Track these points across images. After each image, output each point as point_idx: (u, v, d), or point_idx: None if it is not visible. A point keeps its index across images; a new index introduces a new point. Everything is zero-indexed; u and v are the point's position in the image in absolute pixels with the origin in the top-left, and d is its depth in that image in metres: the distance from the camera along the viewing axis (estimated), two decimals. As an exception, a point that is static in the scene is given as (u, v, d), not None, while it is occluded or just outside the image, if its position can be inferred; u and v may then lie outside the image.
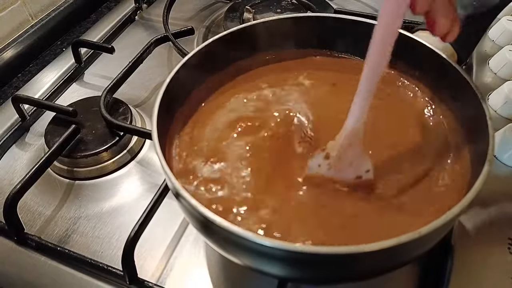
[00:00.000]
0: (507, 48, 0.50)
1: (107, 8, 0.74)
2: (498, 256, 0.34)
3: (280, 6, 0.63)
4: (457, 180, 0.31)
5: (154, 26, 0.69)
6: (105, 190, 0.45)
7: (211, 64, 0.39)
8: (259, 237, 0.23)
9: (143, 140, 0.50)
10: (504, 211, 0.37)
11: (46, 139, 0.47)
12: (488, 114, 0.29)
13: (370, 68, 0.27)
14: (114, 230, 0.42)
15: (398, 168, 0.32)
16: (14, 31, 0.63)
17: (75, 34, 0.68)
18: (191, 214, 0.28)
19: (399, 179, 0.31)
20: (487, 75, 0.50)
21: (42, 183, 0.45)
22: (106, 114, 0.47)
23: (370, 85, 0.28)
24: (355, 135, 0.29)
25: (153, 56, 0.58)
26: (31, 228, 0.42)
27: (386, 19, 0.26)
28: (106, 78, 0.59)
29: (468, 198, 0.24)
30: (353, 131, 0.29)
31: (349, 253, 0.22)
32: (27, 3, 0.64)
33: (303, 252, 0.23)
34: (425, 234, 0.23)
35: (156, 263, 0.39)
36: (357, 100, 0.28)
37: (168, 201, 0.39)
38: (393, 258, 0.26)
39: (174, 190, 0.28)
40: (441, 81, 0.35)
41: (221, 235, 0.26)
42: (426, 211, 0.29)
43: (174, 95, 0.36)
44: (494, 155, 0.41)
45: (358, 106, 0.28)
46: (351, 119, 0.29)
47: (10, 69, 0.60)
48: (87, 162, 0.46)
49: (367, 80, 0.28)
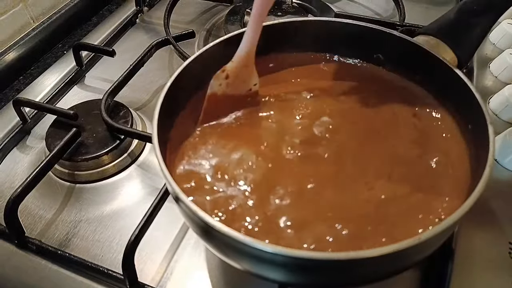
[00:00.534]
0: (507, 51, 0.50)
1: (108, 11, 0.74)
2: (499, 260, 0.34)
3: (281, 9, 0.63)
4: (458, 184, 0.31)
5: (155, 29, 0.69)
6: (106, 194, 0.45)
7: (212, 67, 0.39)
8: (259, 243, 0.23)
9: (143, 143, 0.50)
10: (505, 215, 0.37)
11: (47, 142, 0.47)
12: (489, 119, 0.29)
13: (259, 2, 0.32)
14: (115, 233, 0.42)
15: (398, 171, 0.32)
16: (15, 34, 0.63)
17: (76, 37, 0.68)
18: (191, 219, 0.28)
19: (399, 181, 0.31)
20: (488, 79, 0.50)
21: (43, 186, 0.45)
22: (107, 117, 0.47)
23: (261, 9, 0.32)
24: (250, 57, 0.35)
25: (154, 59, 0.58)
26: (31, 231, 0.42)
27: None
28: (107, 81, 0.59)
29: (468, 204, 0.24)
30: (248, 54, 0.35)
31: (349, 259, 0.22)
32: (28, 6, 0.64)
33: (302, 257, 0.23)
34: (425, 239, 0.23)
35: (156, 267, 0.39)
36: (250, 26, 0.33)
37: (169, 204, 0.39)
38: (393, 264, 0.26)
39: (174, 194, 0.28)
40: (442, 85, 0.35)
41: (220, 240, 0.26)
42: (426, 215, 0.29)
43: (175, 99, 0.36)
44: (495, 159, 0.41)
45: (251, 31, 0.34)
46: (246, 44, 0.34)
47: (11, 72, 0.61)
48: (87, 166, 0.46)
49: (258, 5, 0.32)
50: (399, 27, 0.58)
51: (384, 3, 0.69)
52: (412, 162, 0.32)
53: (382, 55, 0.39)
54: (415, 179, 0.31)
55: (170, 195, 0.36)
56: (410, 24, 0.59)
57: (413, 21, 0.60)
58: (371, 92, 0.38)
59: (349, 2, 0.71)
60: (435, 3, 0.71)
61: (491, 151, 0.27)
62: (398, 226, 0.28)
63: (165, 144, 0.34)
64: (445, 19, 0.37)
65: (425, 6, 0.70)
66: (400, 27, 0.58)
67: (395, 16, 0.65)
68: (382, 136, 0.34)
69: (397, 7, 0.63)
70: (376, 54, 0.39)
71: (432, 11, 0.69)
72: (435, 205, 0.29)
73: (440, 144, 0.33)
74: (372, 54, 0.40)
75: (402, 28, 0.58)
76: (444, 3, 0.71)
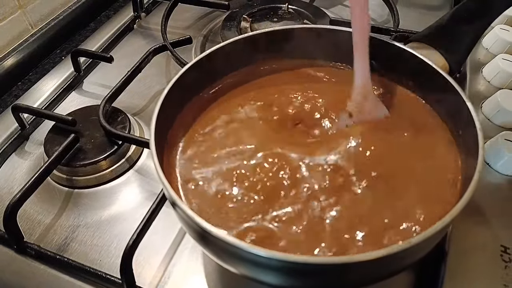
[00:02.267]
0: (500, 56, 0.51)
1: (106, 16, 0.75)
2: (491, 263, 0.34)
3: (277, 15, 0.64)
4: (449, 188, 0.31)
5: (153, 35, 0.69)
6: (104, 199, 0.46)
7: (209, 73, 0.40)
8: (254, 248, 0.24)
9: (141, 149, 0.50)
10: (497, 219, 0.38)
11: (46, 148, 0.48)
12: (478, 125, 0.29)
13: (357, 30, 0.33)
14: (113, 238, 0.42)
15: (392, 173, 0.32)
16: (14, 40, 0.63)
17: (74, 43, 0.69)
18: (188, 224, 0.28)
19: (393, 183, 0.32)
20: (481, 83, 0.51)
21: (41, 192, 0.45)
22: (105, 123, 0.47)
23: (362, 43, 0.33)
24: (366, 89, 0.35)
25: (151, 65, 0.58)
26: (30, 236, 0.43)
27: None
28: (105, 86, 0.60)
29: (457, 209, 0.25)
30: (364, 86, 0.35)
31: (342, 263, 0.23)
32: (27, 13, 0.64)
33: (296, 262, 0.23)
34: (416, 243, 0.24)
35: (154, 271, 0.39)
36: (357, 60, 0.34)
37: (166, 209, 0.40)
38: (385, 267, 0.26)
39: (171, 199, 0.29)
40: (433, 91, 0.36)
41: (217, 245, 0.26)
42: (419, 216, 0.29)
43: (173, 104, 0.36)
44: (488, 163, 0.42)
45: (360, 64, 0.34)
46: (358, 77, 0.34)
47: (10, 78, 0.61)
48: (86, 171, 0.46)
49: (359, 40, 0.33)
50: (393, 33, 0.59)
51: (379, 9, 0.70)
52: (404, 163, 0.33)
53: (375, 61, 0.40)
54: (407, 183, 0.31)
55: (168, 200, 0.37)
56: (404, 30, 0.59)
57: (408, 26, 0.61)
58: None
59: (345, 8, 0.72)
60: (429, 8, 0.72)
61: (481, 156, 0.28)
62: (393, 229, 0.29)
63: (162, 149, 0.34)
64: (438, 26, 0.38)
65: (420, 11, 0.71)
66: (394, 33, 0.59)
67: (389, 21, 0.65)
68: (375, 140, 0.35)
69: (391, 13, 0.64)
70: (369, 60, 0.40)
71: (427, 16, 0.70)
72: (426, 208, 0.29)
73: (432, 149, 0.34)
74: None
75: (396, 34, 0.58)
76: (438, 8, 0.72)
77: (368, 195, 0.31)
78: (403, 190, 0.31)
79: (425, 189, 0.31)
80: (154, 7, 0.75)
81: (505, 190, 0.40)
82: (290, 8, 0.65)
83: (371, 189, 0.31)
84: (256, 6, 0.66)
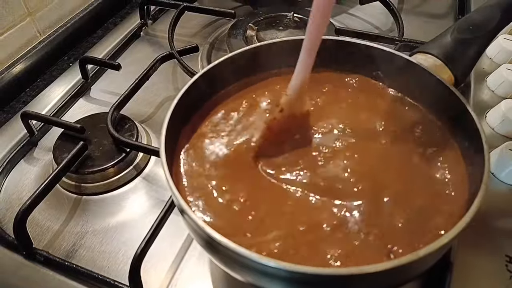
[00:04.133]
0: (504, 66, 0.51)
1: (113, 24, 0.75)
2: (496, 273, 0.35)
3: (283, 23, 0.65)
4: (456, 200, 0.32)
5: (159, 42, 0.70)
6: (112, 206, 0.46)
7: (218, 82, 0.41)
8: (263, 258, 0.24)
9: (149, 156, 0.51)
10: (502, 229, 0.38)
11: (55, 155, 0.48)
12: (484, 137, 0.30)
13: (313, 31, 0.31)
14: (120, 245, 0.43)
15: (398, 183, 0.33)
16: (22, 47, 0.64)
17: (81, 50, 0.70)
18: (196, 232, 0.28)
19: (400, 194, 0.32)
20: (485, 93, 0.51)
21: (50, 198, 0.46)
22: (113, 131, 0.48)
23: (314, 45, 0.32)
24: (303, 88, 0.34)
25: (157, 72, 0.59)
26: (39, 242, 0.43)
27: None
28: (112, 93, 0.61)
29: (464, 222, 0.25)
30: (302, 85, 0.34)
31: (350, 274, 0.23)
32: (35, 20, 0.65)
33: (305, 273, 0.23)
34: (423, 255, 0.24)
35: (161, 278, 0.40)
36: (302, 60, 0.33)
37: (173, 216, 0.40)
38: (393, 278, 0.26)
39: (179, 207, 0.29)
40: (438, 102, 0.36)
41: (224, 253, 0.27)
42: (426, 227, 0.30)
43: (181, 113, 0.37)
44: (492, 172, 0.42)
45: (304, 65, 0.33)
46: (299, 75, 0.34)
47: (18, 84, 0.62)
48: (94, 178, 0.47)
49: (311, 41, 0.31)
50: (398, 42, 0.59)
51: (383, 17, 0.70)
52: (410, 173, 0.33)
53: (381, 72, 0.40)
54: (415, 196, 0.32)
55: (175, 207, 0.37)
56: (408, 39, 0.60)
57: (412, 35, 0.62)
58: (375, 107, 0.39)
59: (350, 16, 0.73)
60: (433, 17, 0.73)
61: (486, 169, 0.28)
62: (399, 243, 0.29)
63: (171, 157, 0.35)
64: (442, 38, 0.38)
65: (424, 20, 0.72)
66: (399, 42, 0.59)
67: (394, 30, 0.66)
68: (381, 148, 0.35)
69: (396, 22, 0.64)
70: (375, 71, 0.41)
71: (431, 24, 0.71)
72: (434, 221, 0.30)
73: (439, 161, 0.34)
74: (372, 71, 0.41)
75: (401, 44, 0.59)
76: (442, 17, 0.72)
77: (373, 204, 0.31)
78: (408, 201, 0.32)
79: (430, 200, 0.31)
80: (160, 14, 0.76)
81: (509, 200, 0.40)
82: (296, 17, 0.66)
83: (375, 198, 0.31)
84: (262, 14, 0.66)
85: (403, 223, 0.30)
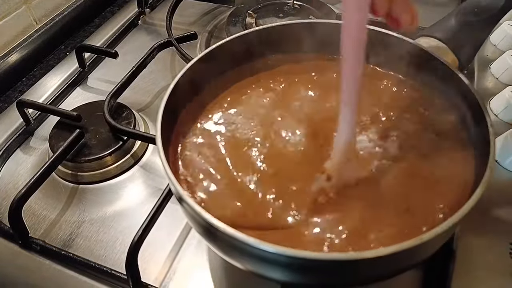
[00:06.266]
0: (508, 53, 0.50)
1: (111, 12, 0.74)
2: (500, 261, 0.34)
3: (282, 10, 0.64)
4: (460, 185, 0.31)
5: (157, 31, 0.69)
6: (109, 194, 0.46)
7: (213, 68, 0.40)
8: (261, 243, 0.24)
9: (146, 144, 0.50)
10: (505, 216, 0.37)
11: (51, 143, 0.48)
12: (490, 121, 0.29)
13: (348, 78, 0.27)
14: (118, 234, 0.42)
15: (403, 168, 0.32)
16: (18, 35, 0.63)
17: (78, 39, 0.69)
18: (194, 219, 0.28)
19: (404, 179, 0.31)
20: (489, 80, 0.50)
21: (46, 187, 0.45)
22: (110, 119, 0.47)
23: (352, 95, 0.27)
24: (351, 148, 0.29)
25: (155, 60, 0.58)
26: (35, 231, 0.43)
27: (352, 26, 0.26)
28: (109, 82, 0.60)
29: (468, 206, 0.24)
30: (348, 146, 0.28)
31: (351, 260, 0.22)
32: (31, 8, 0.64)
33: (305, 258, 0.23)
34: (427, 240, 0.23)
35: (159, 267, 0.39)
36: (344, 115, 0.28)
37: (171, 204, 0.40)
38: (395, 264, 0.26)
39: (177, 195, 0.29)
40: (443, 87, 0.35)
41: (223, 240, 0.26)
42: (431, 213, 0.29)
43: (178, 100, 0.36)
44: (496, 160, 0.41)
45: (347, 121, 0.28)
46: (343, 135, 0.28)
47: (14, 73, 0.61)
48: (90, 167, 0.46)
49: (348, 92, 0.27)
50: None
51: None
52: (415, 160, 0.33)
53: (384, 56, 0.39)
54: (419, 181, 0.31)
55: (173, 195, 0.37)
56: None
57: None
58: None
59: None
60: (436, 4, 0.71)
61: (492, 153, 0.27)
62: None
63: (168, 144, 0.34)
64: (446, 21, 0.37)
65: (427, 8, 0.71)
66: (402, 28, 0.58)
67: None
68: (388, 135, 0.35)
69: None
70: (378, 55, 0.40)
71: (433, 12, 0.69)
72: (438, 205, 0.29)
73: (443, 147, 0.33)
74: (374, 55, 0.40)
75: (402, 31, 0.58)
76: (445, 5, 0.71)
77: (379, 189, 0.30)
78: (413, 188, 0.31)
79: (436, 186, 0.31)
80: (158, 3, 0.75)
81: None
82: (295, 3, 0.64)
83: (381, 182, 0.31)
84: (261, 1, 0.65)
85: (405, 208, 0.29)
